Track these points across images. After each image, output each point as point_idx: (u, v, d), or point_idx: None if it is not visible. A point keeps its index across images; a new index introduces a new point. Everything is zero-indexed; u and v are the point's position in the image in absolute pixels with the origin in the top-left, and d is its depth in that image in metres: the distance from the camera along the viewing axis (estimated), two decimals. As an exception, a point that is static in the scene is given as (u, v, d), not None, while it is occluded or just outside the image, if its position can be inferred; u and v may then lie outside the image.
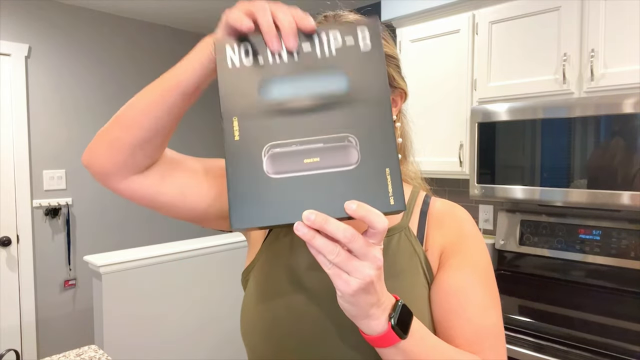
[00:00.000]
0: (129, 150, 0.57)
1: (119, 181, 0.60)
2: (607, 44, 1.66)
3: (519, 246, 2.11)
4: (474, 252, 0.65)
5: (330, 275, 0.45)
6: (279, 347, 0.64)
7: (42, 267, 2.79)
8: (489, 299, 0.63)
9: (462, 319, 0.61)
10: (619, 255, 1.82)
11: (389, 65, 0.69)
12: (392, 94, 0.71)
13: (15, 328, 2.68)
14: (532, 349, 1.52)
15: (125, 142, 0.57)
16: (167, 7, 2.95)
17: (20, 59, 2.67)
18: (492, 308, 0.62)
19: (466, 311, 0.61)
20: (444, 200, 0.73)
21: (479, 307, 0.61)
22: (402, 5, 2.25)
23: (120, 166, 0.58)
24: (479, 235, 0.68)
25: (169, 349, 2.17)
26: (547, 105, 1.71)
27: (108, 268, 1.95)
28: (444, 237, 0.67)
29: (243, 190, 0.46)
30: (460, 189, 2.42)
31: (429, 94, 2.19)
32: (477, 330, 0.60)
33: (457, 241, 0.66)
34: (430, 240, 0.68)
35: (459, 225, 0.68)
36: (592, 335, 1.42)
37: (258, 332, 0.66)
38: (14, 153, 2.66)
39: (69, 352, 1.22)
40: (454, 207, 0.71)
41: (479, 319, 0.61)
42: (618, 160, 1.55)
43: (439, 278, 0.65)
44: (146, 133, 0.57)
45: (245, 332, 0.69)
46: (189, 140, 3.51)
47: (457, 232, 0.67)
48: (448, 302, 0.62)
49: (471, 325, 0.60)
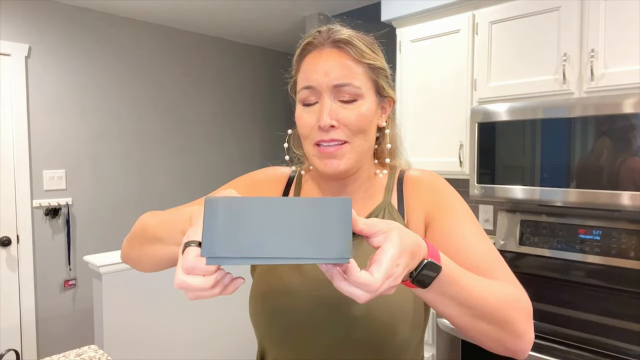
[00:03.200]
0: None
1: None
2: (607, 44, 1.66)
3: (519, 246, 2.11)
4: (453, 202, 0.74)
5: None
6: (286, 330, 0.72)
7: (42, 267, 2.79)
8: (479, 231, 0.71)
9: (465, 254, 0.67)
10: (619, 255, 1.82)
11: (379, 77, 0.74)
12: (381, 102, 0.77)
13: (15, 328, 2.68)
14: (532, 349, 1.52)
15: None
16: (167, 7, 2.95)
17: (20, 59, 2.67)
18: (484, 237, 0.71)
19: (467, 247, 0.68)
20: (417, 169, 0.82)
21: (475, 239, 0.69)
22: (402, 5, 2.25)
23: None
24: (450, 188, 0.77)
25: (169, 349, 2.17)
26: (547, 105, 1.71)
27: (108, 268, 1.95)
28: (423, 202, 0.75)
29: None
30: (460, 189, 2.42)
31: (429, 94, 2.19)
32: (483, 258, 0.67)
33: (436, 200, 0.75)
34: (411, 210, 0.76)
35: (433, 187, 0.76)
36: (591, 335, 1.42)
37: (265, 316, 0.74)
38: (14, 153, 2.66)
39: (69, 352, 1.22)
40: (425, 173, 0.79)
41: (480, 247, 0.68)
42: (618, 161, 1.55)
43: (433, 232, 0.72)
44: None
45: (253, 317, 0.76)
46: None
47: (433, 193, 0.75)
48: (448, 247, 0.68)
49: (476, 255, 0.67)
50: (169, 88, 3.37)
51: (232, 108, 3.81)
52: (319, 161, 0.72)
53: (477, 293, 0.57)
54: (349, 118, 0.69)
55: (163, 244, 0.66)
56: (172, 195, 3.41)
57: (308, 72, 0.71)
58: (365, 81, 0.71)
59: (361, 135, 0.71)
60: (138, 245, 0.73)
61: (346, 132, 0.70)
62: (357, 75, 0.70)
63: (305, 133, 0.72)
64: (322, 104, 0.70)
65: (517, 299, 0.62)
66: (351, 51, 0.70)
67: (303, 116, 0.72)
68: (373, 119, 0.73)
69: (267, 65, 4.03)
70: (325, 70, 0.69)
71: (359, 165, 0.75)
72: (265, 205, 0.45)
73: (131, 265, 0.78)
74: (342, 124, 0.69)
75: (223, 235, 0.43)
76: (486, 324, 0.58)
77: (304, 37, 0.75)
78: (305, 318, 0.71)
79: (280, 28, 3.45)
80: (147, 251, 0.71)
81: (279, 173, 0.86)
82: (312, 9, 3.02)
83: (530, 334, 0.61)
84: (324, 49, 0.71)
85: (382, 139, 0.80)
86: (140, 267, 0.76)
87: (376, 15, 2.41)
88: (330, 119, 0.68)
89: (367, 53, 0.72)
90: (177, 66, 3.42)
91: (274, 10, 3.02)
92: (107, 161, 3.07)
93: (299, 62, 0.75)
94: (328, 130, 0.69)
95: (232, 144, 3.82)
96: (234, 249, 0.43)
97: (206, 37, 3.60)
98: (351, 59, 0.70)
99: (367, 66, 0.72)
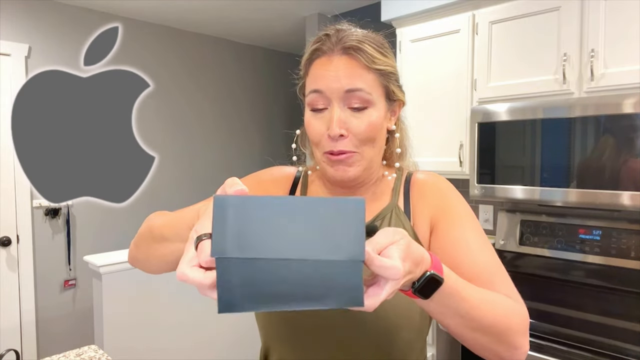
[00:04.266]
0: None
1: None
2: (607, 44, 1.66)
3: (519, 246, 2.11)
4: (457, 207, 0.74)
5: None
6: (291, 330, 0.72)
7: (42, 267, 2.79)
8: (482, 239, 0.70)
9: (467, 263, 0.67)
10: (619, 255, 1.82)
11: (390, 81, 0.73)
12: (391, 106, 0.76)
13: (15, 328, 2.68)
14: (532, 349, 1.52)
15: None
16: (167, 7, 2.95)
17: (20, 59, 2.67)
18: (487, 244, 0.70)
19: (469, 256, 0.68)
20: (423, 171, 0.81)
21: (477, 248, 0.69)
22: (402, 5, 2.25)
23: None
24: (454, 191, 0.77)
25: (169, 349, 2.17)
26: (547, 105, 1.71)
27: (108, 268, 1.95)
28: (429, 206, 0.75)
29: None
30: (461, 189, 2.41)
31: (429, 94, 2.19)
32: (484, 268, 0.67)
33: (441, 205, 0.74)
34: (418, 212, 0.75)
35: (438, 191, 0.76)
36: (592, 335, 1.42)
37: (271, 316, 0.73)
38: (14, 153, 2.66)
39: (69, 352, 1.22)
40: (430, 176, 0.79)
41: (482, 257, 0.68)
42: (618, 161, 1.55)
43: (437, 237, 0.72)
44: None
45: (258, 315, 0.76)
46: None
47: (438, 198, 0.75)
48: (450, 254, 0.68)
49: (478, 265, 0.67)
50: (169, 88, 3.37)
51: (233, 108, 3.81)
52: (329, 168, 0.71)
53: (477, 306, 0.58)
54: (359, 127, 0.68)
55: (170, 242, 0.65)
56: (173, 195, 3.41)
57: (317, 77, 0.70)
58: (376, 88, 0.70)
59: (370, 143, 0.71)
60: (145, 245, 0.72)
61: (355, 142, 0.69)
62: (367, 82, 0.69)
63: (315, 140, 0.72)
64: (331, 111, 0.68)
65: (517, 313, 0.63)
66: (361, 58, 0.68)
67: (312, 123, 0.71)
68: (382, 125, 0.73)
69: (268, 65, 4.03)
70: (336, 77, 0.68)
71: (369, 171, 0.75)
72: (277, 204, 0.44)
73: (140, 268, 0.76)
74: (352, 134, 0.68)
75: (233, 234, 0.43)
76: (484, 335, 0.59)
77: (312, 41, 0.73)
78: (310, 317, 0.70)
79: (280, 28, 3.45)
80: (154, 251, 0.70)
81: (285, 173, 0.85)
82: (312, 9, 3.02)
83: (526, 346, 0.63)
84: (334, 55, 0.69)
85: (392, 141, 0.79)
86: (149, 269, 0.75)
87: (376, 15, 2.41)
88: (339, 129, 0.67)
89: (377, 58, 0.70)
90: (178, 66, 3.42)
91: (274, 10, 3.03)
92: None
93: (308, 66, 0.73)
94: (337, 139, 0.68)
95: (233, 144, 3.82)
96: (245, 249, 0.43)
97: (206, 37, 3.59)
98: (362, 67, 0.68)
99: (377, 72, 0.70)
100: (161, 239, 0.67)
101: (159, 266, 0.71)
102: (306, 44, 0.75)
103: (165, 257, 0.68)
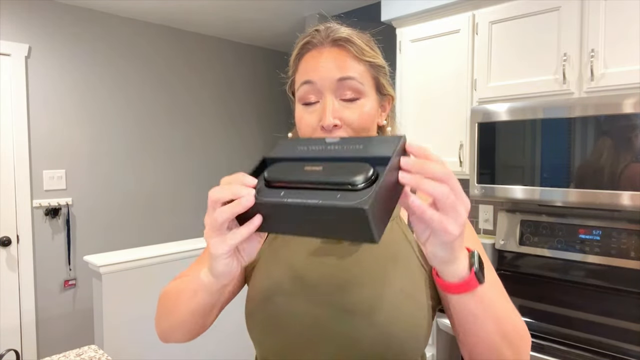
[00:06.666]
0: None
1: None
2: (607, 44, 1.66)
3: (519, 246, 2.11)
4: (467, 236, 0.69)
5: (437, 221, 0.46)
6: (284, 340, 0.67)
7: (42, 267, 2.79)
8: (491, 275, 0.67)
9: None
10: (619, 255, 1.82)
11: (379, 74, 0.73)
12: (381, 101, 0.75)
13: (15, 328, 2.68)
14: (533, 349, 1.52)
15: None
16: (167, 7, 2.95)
17: (20, 59, 2.67)
18: (488, 264, 0.66)
19: None
20: None
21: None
22: (402, 5, 2.25)
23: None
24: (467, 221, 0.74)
25: (169, 349, 2.17)
26: (547, 105, 1.71)
27: (108, 268, 1.95)
28: None
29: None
30: (460, 189, 2.41)
31: (429, 94, 2.19)
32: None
33: None
34: None
35: None
36: (592, 335, 1.42)
37: (263, 327, 0.69)
38: (14, 153, 2.66)
39: (69, 352, 1.22)
40: None
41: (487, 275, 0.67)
42: (618, 161, 1.55)
43: None
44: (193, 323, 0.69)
45: (251, 328, 0.72)
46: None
47: None
48: None
49: None
50: (169, 88, 3.37)
51: (233, 108, 3.81)
52: None
53: (504, 306, 0.58)
54: (352, 117, 0.68)
55: (185, 297, 0.66)
56: (173, 195, 3.42)
57: (308, 69, 0.70)
58: (367, 79, 0.70)
59: (364, 134, 0.69)
60: (165, 316, 0.71)
61: (349, 132, 0.68)
62: (359, 72, 0.69)
63: (307, 134, 0.70)
64: (324, 102, 0.68)
65: (526, 330, 0.63)
66: (352, 49, 0.69)
67: (304, 117, 0.70)
68: (375, 118, 0.72)
69: (268, 65, 4.03)
70: (327, 67, 0.68)
71: None
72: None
73: (174, 342, 0.74)
74: (345, 124, 0.68)
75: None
76: (509, 347, 0.58)
77: (302, 37, 0.73)
78: (307, 327, 0.66)
79: (280, 28, 3.45)
80: (175, 318, 0.69)
81: None
82: (312, 9, 3.02)
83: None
84: (324, 48, 0.70)
85: None
86: (181, 336, 0.72)
87: (376, 15, 2.41)
88: (333, 118, 0.66)
89: (366, 51, 0.70)
90: (178, 66, 3.42)
91: (274, 10, 3.02)
92: (107, 161, 3.07)
93: (297, 61, 0.73)
94: (331, 130, 0.67)
95: (233, 143, 3.82)
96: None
97: (206, 37, 3.59)
98: (352, 57, 0.69)
99: (367, 64, 0.70)
100: (177, 302, 0.68)
101: (184, 327, 0.69)
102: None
103: (184, 314, 0.67)
